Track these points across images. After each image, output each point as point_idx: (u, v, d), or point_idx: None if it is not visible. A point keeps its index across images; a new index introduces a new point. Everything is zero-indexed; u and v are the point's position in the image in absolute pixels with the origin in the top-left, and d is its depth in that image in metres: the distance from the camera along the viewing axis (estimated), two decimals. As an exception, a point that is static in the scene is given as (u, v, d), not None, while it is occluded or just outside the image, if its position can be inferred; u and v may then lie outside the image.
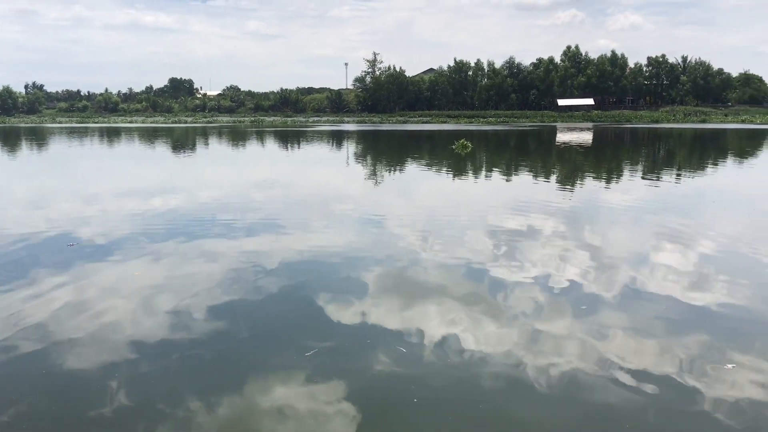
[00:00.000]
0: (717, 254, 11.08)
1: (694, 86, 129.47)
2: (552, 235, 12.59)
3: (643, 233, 12.94)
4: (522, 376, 6.26)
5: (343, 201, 18.02)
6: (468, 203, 17.39)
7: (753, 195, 19.37)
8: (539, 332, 7.37)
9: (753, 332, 7.41)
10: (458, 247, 11.65)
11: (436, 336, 7.27)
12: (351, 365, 6.50)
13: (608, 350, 6.84)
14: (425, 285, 9.29)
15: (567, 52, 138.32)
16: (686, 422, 5.41)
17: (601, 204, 17.21)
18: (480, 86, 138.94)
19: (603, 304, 8.40)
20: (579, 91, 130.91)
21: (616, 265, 10.33)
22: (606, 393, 5.89)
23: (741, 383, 6.05)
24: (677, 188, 20.99)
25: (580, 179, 23.77)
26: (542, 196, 18.40)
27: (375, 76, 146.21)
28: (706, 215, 15.44)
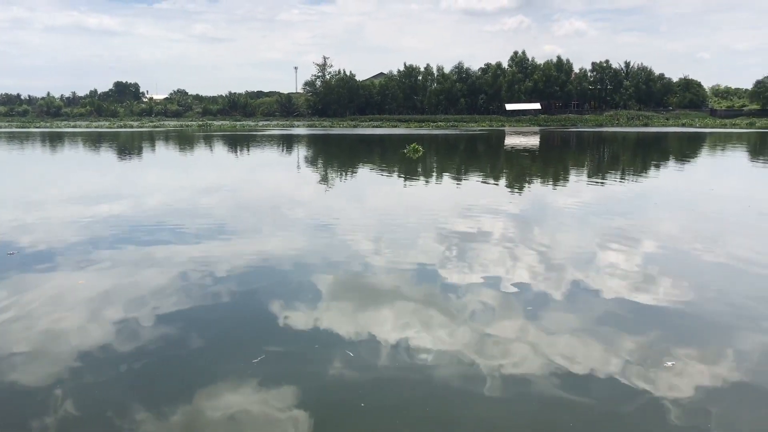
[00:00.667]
0: (660, 254, 11.39)
1: (636, 91, 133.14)
2: (502, 238, 12.75)
3: (589, 234, 13.22)
4: (472, 377, 6.31)
5: (294, 206, 17.90)
6: (420, 207, 17.48)
7: (693, 196, 20.00)
8: (490, 334, 7.45)
9: (694, 329, 7.64)
10: (410, 250, 11.70)
11: (387, 339, 7.27)
12: (298, 371, 6.46)
13: (557, 350, 6.96)
14: (377, 289, 9.29)
15: (514, 57, 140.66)
16: (630, 419, 5.54)
17: (549, 206, 17.52)
18: (430, 91, 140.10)
19: (551, 304, 8.55)
20: (526, 95, 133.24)
21: (563, 265, 10.53)
22: (555, 392, 5.99)
23: (680, 380, 6.23)
24: (621, 190, 21.52)
25: (529, 182, 24.16)
26: (492, 198, 18.63)
27: (325, 80, 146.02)
28: (649, 216, 15.87)
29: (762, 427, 5.42)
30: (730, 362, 6.65)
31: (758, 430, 5.37)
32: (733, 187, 23.26)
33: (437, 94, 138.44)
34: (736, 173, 28.65)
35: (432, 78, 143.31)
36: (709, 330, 7.63)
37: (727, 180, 25.90)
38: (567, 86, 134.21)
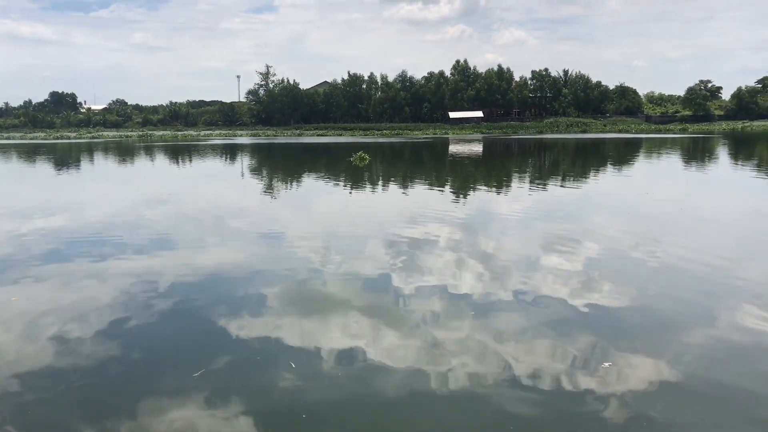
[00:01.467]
0: (601, 257, 11.68)
1: (575, 98, 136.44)
2: (448, 244, 12.86)
3: (532, 239, 13.46)
4: (421, 383, 6.33)
5: (238, 216, 17.67)
6: (367, 215, 17.50)
7: (631, 200, 20.58)
8: (438, 339, 7.49)
9: (635, 330, 7.85)
10: (357, 258, 11.68)
11: (333, 348, 7.23)
12: (238, 383, 6.36)
13: (503, 354, 7.05)
14: (324, 298, 9.24)
15: (456, 66, 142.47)
16: (574, 420, 5.64)
17: (494, 212, 17.77)
18: (374, 99, 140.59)
19: (498, 308, 8.66)
20: (469, 103, 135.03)
21: (508, 270, 10.68)
22: (502, 396, 6.07)
23: (617, 380, 6.39)
24: (563, 195, 22.00)
25: (473, 189, 24.46)
26: (438, 205, 18.78)
27: (268, 89, 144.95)
28: (590, 220, 16.26)
29: (698, 423, 5.58)
30: (669, 361, 6.85)
31: (694, 427, 5.53)
32: (667, 190, 24.04)
33: (381, 103, 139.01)
34: (669, 177, 29.64)
35: (376, 86, 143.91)
36: (648, 330, 7.84)
37: (662, 184, 26.77)
38: (508, 94, 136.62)
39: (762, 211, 17.72)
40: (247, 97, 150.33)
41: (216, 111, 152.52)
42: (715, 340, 7.42)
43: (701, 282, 9.88)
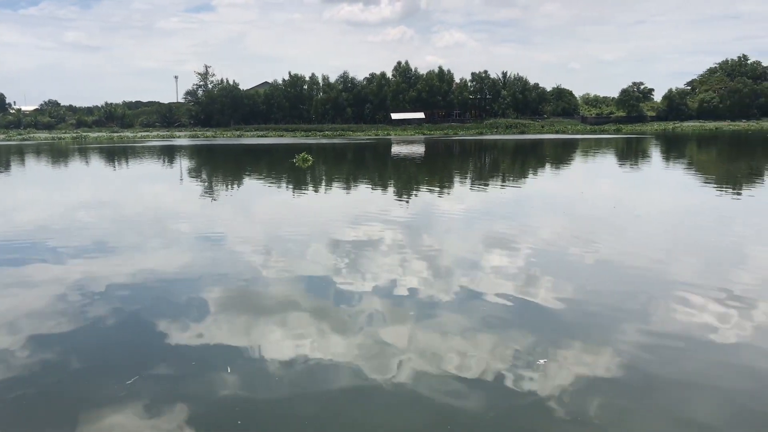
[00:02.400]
0: (540, 255, 11.92)
1: (513, 100, 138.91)
2: (392, 245, 12.92)
3: (474, 238, 13.65)
4: (364, 384, 6.34)
5: (178, 219, 17.33)
6: (310, 216, 17.41)
7: (567, 199, 21.10)
8: (381, 339, 7.52)
9: (574, 326, 8.05)
10: (301, 260, 11.61)
11: (277, 352, 7.18)
12: (171, 390, 6.26)
13: (446, 352, 7.12)
14: (267, 301, 9.16)
15: (398, 67, 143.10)
16: (515, 415, 5.75)
17: (436, 212, 17.93)
18: (316, 100, 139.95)
19: (441, 307, 8.74)
20: (411, 105, 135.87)
21: (451, 269, 10.81)
22: (445, 394, 6.13)
23: (556, 375, 6.54)
24: (503, 195, 22.38)
25: (416, 189, 24.63)
26: (381, 206, 18.84)
27: (207, 90, 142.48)
28: (529, 219, 16.59)
29: (633, 417, 5.77)
30: (605, 355, 7.05)
31: (629, 421, 5.71)
32: (602, 189, 24.75)
33: (323, 104, 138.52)
34: (604, 177, 30.50)
35: (318, 87, 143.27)
36: (587, 325, 8.05)
37: (597, 183, 27.53)
38: (449, 96, 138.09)
39: (691, 208, 18.43)
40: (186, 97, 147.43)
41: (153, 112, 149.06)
42: (649, 334, 7.67)
43: (636, 278, 10.19)
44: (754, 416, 5.62)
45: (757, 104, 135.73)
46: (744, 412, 5.70)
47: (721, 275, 10.21)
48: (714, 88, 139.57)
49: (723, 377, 6.39)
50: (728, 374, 6.46)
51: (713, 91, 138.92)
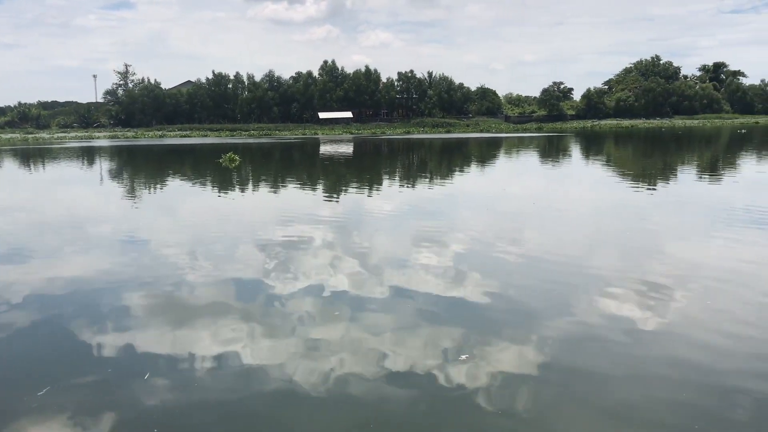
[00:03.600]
0: (467, 252, 12.16)
1: (439, 99, 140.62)
2: (322, 245, 12.90)
3: (403, 236, 13.78)
4: (295, 386, 6.32)
5: (99, 223, 16.76)
6: (238, 217, 17.17)
7: (492, 196, 21.57)
8: (312, 340, 7.51)
9: (501, 321, 8.24)
10: (228, 263, 11.44)
11: (204, 356, 7.07)
12: (84, 400, 6.09)
13: (377, 350, 7.18)
14: (194, 306, 8.99)
15: (324, 66, 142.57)
16: (446, 411, 5.85)
17: (365, 211, 18.00)
18: (241, 99, 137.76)
19: (371, 306, 8.79)
20: (338, 104, 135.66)
21: (381, 268, 10.88)
22: (376, 392, 6.18)
23: (485, 371, 6.70)
24: (430, 193, 22.67)
25: (345, 189, 24.64)
26: (310, 206, 18.77)
27: (128, 89, 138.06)
28: (456, 217, 16.87)
29: (559, 409, 5.97)
30: (532, 349, 7.26)
31: (555, 413, 5.91)
32: (524, 186, 25.41)
33: (249, 103, 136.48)
34: (526, 174, 31.31)
35: (243, 86, 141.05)
36: (514, 320, 8.26)
37: (520, 180, 28.23)
38: (376, 95, 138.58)
39: (610, 203, 19.16)
40: (105, 97, 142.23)
41: (71, 112, 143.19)
42: (572, 327, 7.94)
43: (558, 272, 10.53)
44: (674, 404, 5.91)
45: (670, 103, 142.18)
46: (663, 400, 5.98)
47: (638, 268, 10.66)
48: (629, 88, 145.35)
49: (642, 367, 6.68)
50: (647, 364, 6.76)
51: (629, 90, 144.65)
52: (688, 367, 6.63)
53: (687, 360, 6.81)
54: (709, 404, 5.82)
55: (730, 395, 5.95)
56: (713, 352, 6.98)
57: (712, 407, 5.76)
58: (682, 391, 6.08)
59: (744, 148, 46.31)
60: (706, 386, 6.18)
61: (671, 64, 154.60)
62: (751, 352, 6.95)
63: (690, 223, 15.14)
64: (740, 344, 7.18)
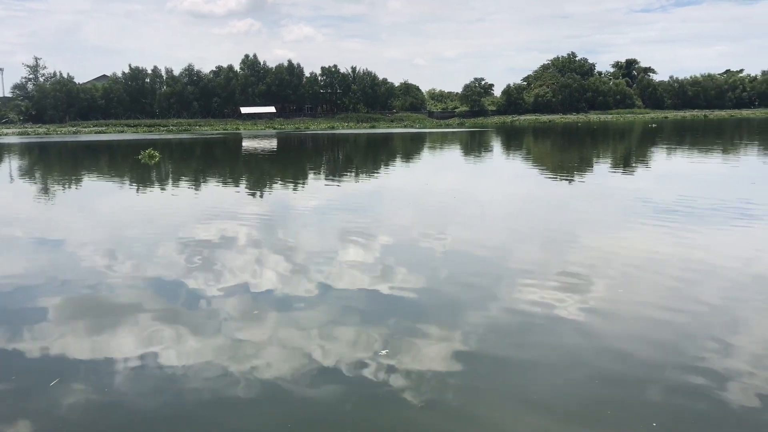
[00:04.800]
0: (393, 246, 12.24)
1: (363, 94, 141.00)
2: (246, 242, 12.72)
3: (330, 232, 13.74)
4: (221, 386, 6.21)
5: (9, 223, 15.97)
6: (159, 216, 16.70)
7: (416, 191, 21.80)
8: (239, 340, 7.40)
9: (428, 314, 8.34)
10: (149, 263, 11.12)
11: (125, 360, 6.85)
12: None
13: (305, 348, 7.13)
14: (114, 307, 8.69)
15: (246, 60, 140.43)
16: (376, 405, 5.88)
17: (291, 207, 17.87)
18: (159, 94, 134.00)
19: (298, 303, 8.74)
20: (261, 99, 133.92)
21: (308, 264, 10.82)
22: (305, 389, 6.15)
23: (413, 363, 6.78)
24: (356, 188, 22.71)
25: (269, 185, 24.38)
26: (234, 203, 18.47)
27: (39, 84, 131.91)
28: (382, 211, 16.96)
29: (485, 400, 6.10)
30: (458, 341, 7.38)
31: (481, 404, 6.04)
32: (447, 181, 25.81)
33: (168, 98, 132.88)
34: (449, 169, 31.83)
35: (161, 81, 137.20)
36: (441, 313, 8.37)
37: (441, 175, 28.64)
38: (300, 90, 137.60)
39: (529, 196, 19.70)
40: (14, 92, 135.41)
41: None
42: (497, 318, 8.12)
43: (482, 264, 10.75)
44: (592, 390, 6.13)
45: (585, 98, 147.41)
46: (583, 386, 6.20)
47: (558, 258, 11.00)
48: (547, 84, 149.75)
49: (564, 356, 6.89)
50: (568, 352, 6.99)
51: (546, 86, 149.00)
52: (607, 353, 6.89)
53: (605, 346, 7.07)
54: (624, 389, 6.06)
55: (645, 380, 6.22)
56: (630, 339, 7.28)
57: (627, 392, 6.00)
58: (599, 377, 6.31)
59: (654, 142, 48.51)
60: (623, 371, 6.43)
61: (586, 61, 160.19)
62: (665, 338, 7.28)
63: (605, 214, 15.73)
64: (654, 330, 7.52)
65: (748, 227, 13.11)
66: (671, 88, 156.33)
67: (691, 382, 6.11)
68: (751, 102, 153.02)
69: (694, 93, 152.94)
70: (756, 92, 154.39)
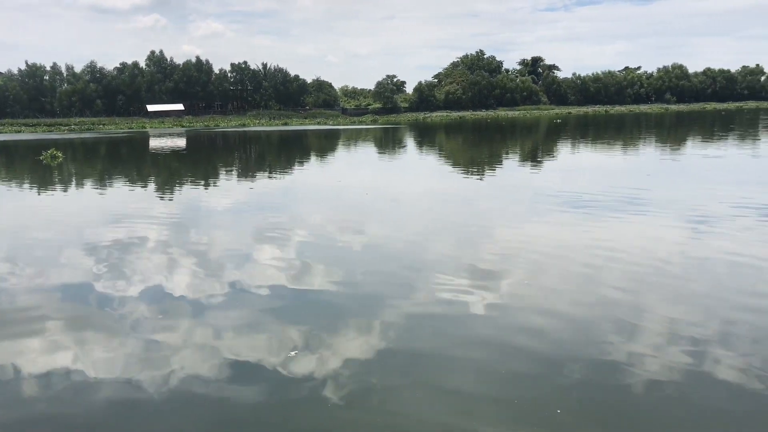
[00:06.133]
0: (310, 243, 12.23)
1: (275, 91, 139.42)
2: (157, 244, 12.38)
3: (244, 231, 13.56)
4: (134, 392, 6.06)
5: None
6: (63, 218, 15.98)
7: (329, 189, 21.80)
8: (152, 344, 7.22)
9: (346, 309, 8.40)
10: (54, 268, 10.65)
11: (30, 369, 6.57)
12: None
13: (222, 350, 7.04)
14: (16, 316, 8.29)
15: (152, 57, 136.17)
16: (292, 406, 5.89)
17: (203, 207, 17.50)
18: (60, 92, 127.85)
19: (213, 305, 8.60)
20: (168, 96, 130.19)
21: (223, 265, 10.65)
22: (224, 392, 6.08)
23: (332, 359, 6.83)
24: (269, 186, 22.48)
25: (179, 184, 23.76)
26: (142, 204, 17.91)
27: None
28: (297, 209, 16.88)
29: (402, 394, 6.22)
30: (376, 336, 7.48)
31: (400, 397, 6.15)
32: (359, 177, 25.91)
33: (69, 96, 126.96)
34: (361, 165, 31.95)
35: (62, 78, 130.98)
36: (359, 308, 8.45)
37: (354, 172, 28.72)
38: (209, 87, 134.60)
39: (442, 191, 20.07)
40: None
41: None
42: (413, 312, 8.25)
43: (397, 260, 10.87)
44: (502, 382, 6.35)
45: (494, 95, 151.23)
46: (495, 375, 6.41)
47: (471, 251, 11.29)
48: (457, 81, 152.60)
49: (476, 348, 7.08)
50: (481, 344, 7.19)
51: (457, 83, 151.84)
52: (516, 343, 7.13)
53: (515, 337, 7.31)
54: (531, 378, 6.30)
55: (552, 368, 6.49)
56: (538, 329, 7.56)
57: (535, 380, 6.25)
58: (508, 367, 6.53)
59: (560, 137, 50.40)
60: (531, 360, 6.68)
61: (494, 59, 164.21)
62: (571, 327, 7.62)
63: (515, 207, 16.24)
64: (561, 319, 7.85)
65: (645, 216, 13.87)
66: (574, 84, 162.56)
67: (595, 368, 6.43)
68: (648, 98, 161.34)
69: (595, 89, 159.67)
70: (652, 88, 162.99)
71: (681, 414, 5.50)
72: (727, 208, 14.43)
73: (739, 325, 7.39)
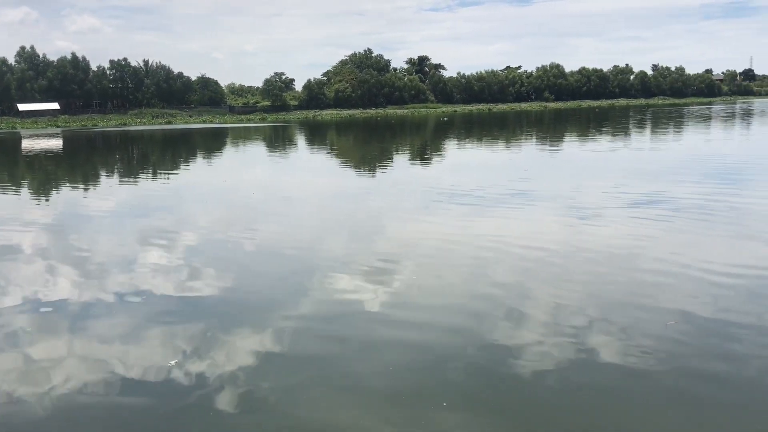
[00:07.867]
0: (199, 246, 11.93)
1: (158, 89, 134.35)
2: (34, 252, 11.67)
3: (129, 235, 13.03)
4: (18, 408, 5.73)
5: None
6: None
7: (218, 189, 21.33)
8: (32, 359, 6.83)
9: (241, 311, 8.27)
10: None
11: None
12: None
13: (108, 360, 6.77)
14: None
15: (22, 53, 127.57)
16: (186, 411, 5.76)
17: (83, 211, 16.66)
18: None
19: (98, 314, 8.24)
20: (42, 95, 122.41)
21: (107, 270, 10.20)
22: (113, 402, 5.86)
23: (227, 361, 6.72)
24: (153, 188, 21.71)
25: (57, 188, 22.48)
26: (15, 210, 16.82)
27: None
28: (183, 211, 16.39)
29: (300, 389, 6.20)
30: (272, 336, 7.43)
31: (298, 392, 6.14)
32: (246, 177, 25.51)
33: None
34: (249, 164, 31.48)
35: None
36: (254, 309, 8.34)
37: (241, 171, 28.24)
38: (86, 85, 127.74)
39: (333, 189, 20.12)
40: None
41: None
42: (308, 311, 8.26)
43: (291, 258, 10.84)
44: (393, 377, 6.46)
45: (383, 93, 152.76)
46: (384, 375, 6.52)
47: (363, 249, 11.41)
48: (346, 79, 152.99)
49: (369, 345, 7.19)
50: (373, 342, 7.30)
51: (346, 81, 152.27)
52: (408, 338, 7.30)
53: (407, 332, 7.48)
54: (420, 372, 6.46)
55: (441, 362, 6.69)
56: (429, 323, 7.77)
57: (423, 375, 6.40)
58: (399, 363, 6.65)
59: (447, 134, 51.71)
60: (422, 355, 6.85)
61: (382, 57, 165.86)
62: (461, 319, 7.87)
63: (406, 203, 16.51)
64: (452, 312, 8.10)
65: (527, 209, 14.50)
66: (459, 83, 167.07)
67: (482, 358, 6.68)
68: (529, 96, 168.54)
69: (479, 88, 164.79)
70: (532, 87, 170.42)
71: (566, 401, 5.79)
72: (603, 199, 15.35)
73: (617, 310, 7.88)
